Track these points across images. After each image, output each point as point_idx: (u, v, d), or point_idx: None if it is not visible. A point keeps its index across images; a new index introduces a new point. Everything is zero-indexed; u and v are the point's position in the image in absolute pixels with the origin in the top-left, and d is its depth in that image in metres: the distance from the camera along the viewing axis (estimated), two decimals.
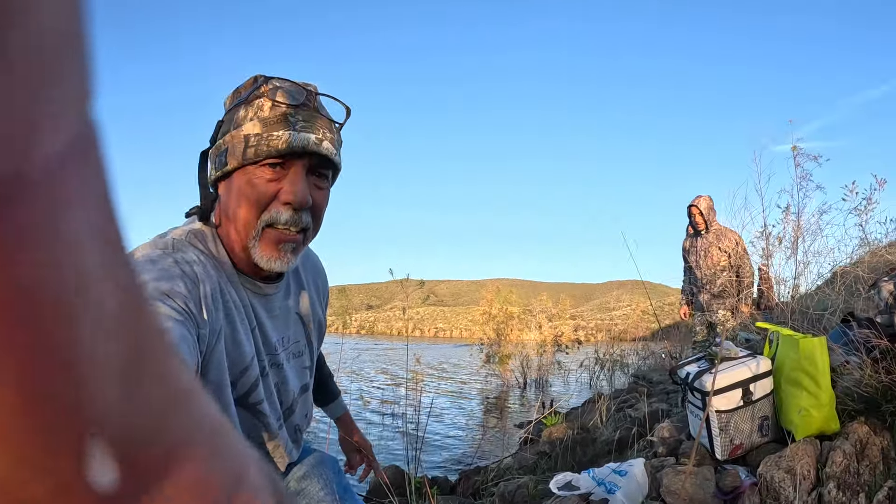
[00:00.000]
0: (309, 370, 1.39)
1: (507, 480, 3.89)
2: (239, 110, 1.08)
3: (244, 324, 1.14)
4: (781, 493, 2.45)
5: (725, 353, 3.05)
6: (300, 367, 1.35)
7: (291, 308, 1.31)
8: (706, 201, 5.89)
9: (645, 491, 2.83)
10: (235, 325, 1.11)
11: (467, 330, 70.49)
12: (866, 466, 2.45)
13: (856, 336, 3.13)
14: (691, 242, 6.07)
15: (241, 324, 1.12)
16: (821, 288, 5.23)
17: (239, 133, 1.05)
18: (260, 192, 1.05)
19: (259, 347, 1.19)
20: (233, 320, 1.10)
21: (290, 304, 1.31)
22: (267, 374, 1.22)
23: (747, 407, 2.89)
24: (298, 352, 1.34)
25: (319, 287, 1.46)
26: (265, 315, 1.21)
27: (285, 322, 1.29)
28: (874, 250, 4.66)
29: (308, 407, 1.42)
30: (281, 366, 1.27)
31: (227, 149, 1.07)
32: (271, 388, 1.23)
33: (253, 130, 1.04)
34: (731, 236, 5.72)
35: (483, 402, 11.61)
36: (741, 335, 5.71)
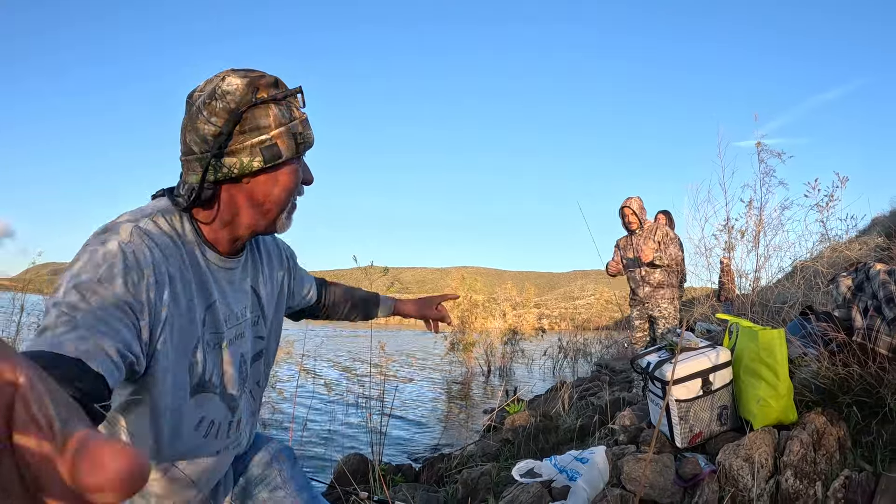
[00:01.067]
0: (264, 339, 1.49)
1: (471, 468, 3.91)
2: (272, 108, 1.20)
3: (200, 298, 1.23)
4: (740, 480, 2.50)
5: (686, 343, 3.09)
6: (255, 335, 1.45)
7: (248, 281, 1.42)
8: (637, 202, 6.15)
9: (606, 478, 2.86)
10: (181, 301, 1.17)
11: None
12: (823, 456, 2.50)
13: (814, 329, 3.19)
14: (626, 241, 6.20)
15: (196, 298, 1.21)
16: (781, 281, 5.34)
17: (287, 129, 1.22)
18: (299, 177, 1.30)
19: (219, 319, 1.28)
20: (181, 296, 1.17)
21: (248, 278, 1.42)
22: (226, 344, 1.31)
23: (707, 396, 2.93)
24: (255, 321, 1.44)
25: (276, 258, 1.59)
26: (228, 288, 1.33)
27: (245, 294, 1.40)
28: (834, 246, 4.77)
29: (259, 374, 1.51)
30: (243, 335, 1.38)
31: (276, 143, 1.21)
32: (229, 357, 1.32)
33: (298, 129, 1.24)
34: (663, 228, 5.90)
35: (447, 390, 11.65)
36: (701, 325, 5.81)
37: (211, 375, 1.27)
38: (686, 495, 2.66)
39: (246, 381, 1.42)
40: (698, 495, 2.56)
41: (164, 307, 1.11)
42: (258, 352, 1.47)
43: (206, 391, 1.26)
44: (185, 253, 1.20)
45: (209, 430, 1.30)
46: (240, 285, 1.37)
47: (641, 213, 6.11)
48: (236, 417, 1.38)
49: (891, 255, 4.19)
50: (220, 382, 1.30)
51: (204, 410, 1.27)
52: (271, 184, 1.25)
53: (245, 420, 1.44)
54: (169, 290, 1.13)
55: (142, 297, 1.06)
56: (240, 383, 1.37)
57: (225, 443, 1.37)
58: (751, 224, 5.24)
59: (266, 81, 1.20)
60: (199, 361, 1.22)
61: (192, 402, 1.23)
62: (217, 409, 1.31)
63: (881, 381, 2.68)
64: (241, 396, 1.40)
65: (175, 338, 1.15)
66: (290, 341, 11.75)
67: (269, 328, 1.52)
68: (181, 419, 1.22)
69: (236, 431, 1.40)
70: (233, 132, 1.18)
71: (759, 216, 5.17)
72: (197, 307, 1.21)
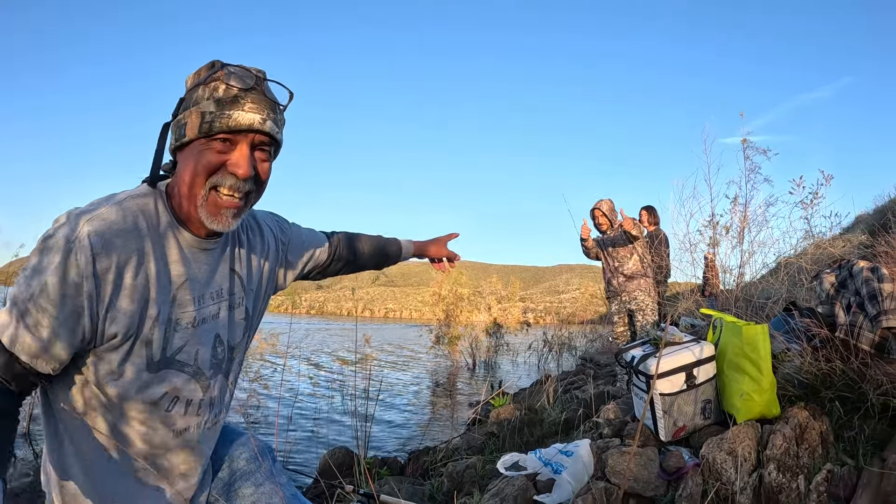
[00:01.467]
0: (245, 321, 1.51)
1: (456, 461, 3.92)
2: (198, 90, 1.25)
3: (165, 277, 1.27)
4: (723, 473, 2.52)
5: (670, 337, 3.11)
6: (236, 318, 1.48)
7: (227, 263, 1.44)
8: (607, 204, 6.31)
9: (590, 471, 2.87)
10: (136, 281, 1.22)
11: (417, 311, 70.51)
12: (805, 450, 2.53)
13: (797, 324, 3.22)
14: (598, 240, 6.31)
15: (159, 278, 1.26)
16: (765, 277, 5.37)
17: (197, 110, 1.23)
18: (210, 161, 1.24)
19: (189, 298, 1.32)
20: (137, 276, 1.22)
21: (227, 260, 1.44)
22: (198, 323, 1.35)
23: (690, 390, 2.95)
24: (235, 303, 1.47)
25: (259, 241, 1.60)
26: (205, 268, 1.37)
27: (223, 275, 1.43)
28: (818, 243, 4.80)
29: (240, 358, 1.54)
30: (218, 315, 1.41)
31: (186, 122, 1.24)
32: (201, 337, 1.36)
33: (209, 108, 1.22)
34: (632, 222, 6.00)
35: (432, 384, 11.66)
36: (685, 320, 5.84)
37: (177, 353, 1.31)
38: (670, 488, 2.68)
39: (223, 361, 1.44)
40: (682, 488, 2.58)
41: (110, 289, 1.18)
42: (240, 335, 1.50)
43: (171, 368, 1.31)
44: (152, 235, 1.25)
45: (173, 405, 1.33)
46: (218, 266, 1.41)
47: (612, 215, 6.27)
48: (208, 396, 1.40)
49: (874, 253, 4.22)
50: (193, 361, 1.35)
51: (169, 386, 1.31)
52: (184, 164, 1.27)
53: (220, 400, 1.46)
54: (116, 274, 1.18)
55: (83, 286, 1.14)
56: (213, 363, 1.40)
57: (196, 420, 1.39)
58: (735, 220, 5.26)
59: (205, 65, 1.27)
60: (157, 339, 1.26)
61: (154, 376, 1.28)
62: (186, 386, 1.34)
63: (863, 377, 2.71)
64: (216, 377, 1.42)
65: (126, 316, 1.20)
66: (276, 334, 11.71)
67: (254, 310, 1.55)
68: (137, 393, 1.27)
69: (210, 411, 1.43)
70: (177, 113, 1.28)
71: (743, 213, 5.19)
72: (159, 287, 1.26)
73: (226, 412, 1.53)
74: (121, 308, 1.19)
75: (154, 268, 1.24)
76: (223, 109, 1.22)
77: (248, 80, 1.25)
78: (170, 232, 1.28)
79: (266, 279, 1.60)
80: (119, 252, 1.18)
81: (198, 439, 1.42)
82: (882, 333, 2.85)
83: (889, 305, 2.85)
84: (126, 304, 1.20)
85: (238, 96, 1.23)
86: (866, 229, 7.90)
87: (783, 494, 2.38)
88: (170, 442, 1.35)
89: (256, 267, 1.55)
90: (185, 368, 1.33)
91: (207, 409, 1.41)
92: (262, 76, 1.30)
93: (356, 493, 3.07)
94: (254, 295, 1.55)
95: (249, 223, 1.57)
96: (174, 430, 1.35)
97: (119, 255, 1.18)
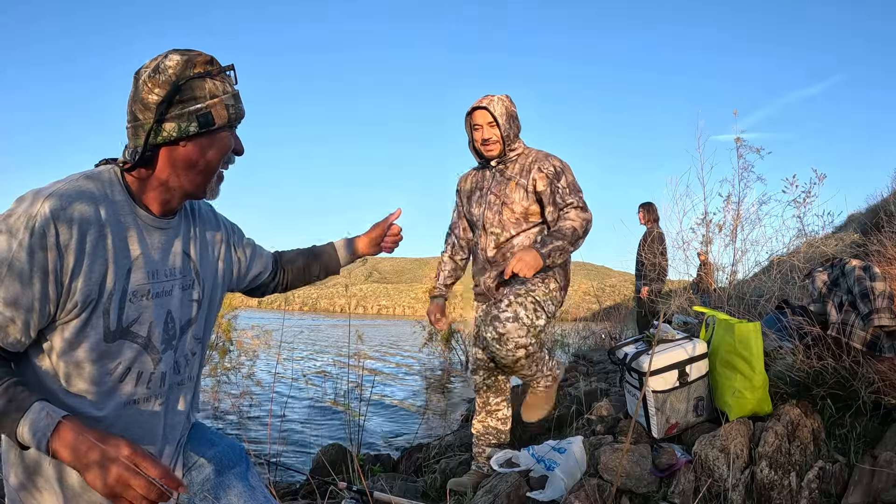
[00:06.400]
0: (197, 303, 1.58)
1: (449, 457, 3.92)
2: (205, 82, 1.38)
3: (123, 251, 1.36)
4: (715, 470, 2.53)
5: (663, 335, 3.12)
6: (188, 298, 1.56)
7: (180, 243, 1.53)
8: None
9: (583, 468, 2.87)
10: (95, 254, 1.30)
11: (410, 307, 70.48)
12: (797, 447, 2.54)
13: (789, 322, 3.23)
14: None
15: (117, 251, 1.34)
16: (757, 275, 5.39)
17: (220, 101, 1.40)
18: (231, 146, 1.48)
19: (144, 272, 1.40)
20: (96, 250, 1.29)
21: (179, 240, 1.53)
22: (152, 296, 1.43)
23: (683, 388, 2.96)
24: (186, 284, 1.55)
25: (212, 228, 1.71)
26: (158, 245, 1.46)
27: (175, 255, 1.51)
28: (810, 241, 4.82)
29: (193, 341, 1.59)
30: (170, 292, 1.49)
31: (210, 111, 1.39)
32: (154, 310, 1.43)
33: (230, 102, 1.42)
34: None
35: (426, 380, 11.67)
36: (678, 318, 5.85)
37: (132, 324, 1.39)
38: (662, 485, 2.69)
39: (173, 338, 1.50)
40: (674, 485, 2.59)
41: (72, 260, 1.25)
42: (190, 316, 1.57)
43: (125, 338, 1.38)
44: (108, 211, 1.33)
45: (125, 375, 1.39)
46: (170, 245, 1.50)
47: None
48: (158, 370, 1.46)
49: (866, 252, 4.25)
50: (146, 333, 1.42)
51: (123, 357, 1.37)
52: (205, 148, 1.42)
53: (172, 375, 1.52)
54: (78, 245, 1.26)
55: (46, 261, 1.22)
56: (164, 338, 1.47)
57: (146, 392, 1.45)
58: (728, 218, 5.28)
59: (202, 59, 1.39)
60: (114, 310, 1.34)
61: (110, 346, 1.34)
62: (138, 357, 1.41)
63: (855, 375, 2.72)
64: (167, 352, 1.49)
65: (86, 286, 1.28)
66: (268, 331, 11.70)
67: (204, 294, 1.62)
68: (94, 363, 1.33)
69: (161, 385, 1.48)
70: (173, 101, 1.35)
71: (736, 211, 5.20)
72: (116, 259, 1.34)
73: (181, 394, 1.58)
74: (81, 278, 1.27)
75: (111, 241, 1.33)
76: (237, 102, 1.45)
77: (233, 77, 1.48)
78: (127, 208, 1.38)
79: (223, 264, 1.72)
80: (78, 225, 1.26)
81: (149, 417, 1.47)
82: (874, 332, 2.86)
83: (881, 304, 2.87)
84: (86, 274, 1.28)
85: (238, 91, 1.47)
86: (858, 228, 7.95)
87: (775, 491, 2.39)
88: (121, 415, 1.40)
89: (211, 251, 1.67)
90: (138, 340, 1.40)
91: (158, 383, 1.47)
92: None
93: (349, 489, 3.07)
94: (208, 280, 1.64)
95: (202, 209, 1.70)
96: (124, 401, 1.40)
97: (79, 228, 1.26)
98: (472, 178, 3.47)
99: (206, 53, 1.41)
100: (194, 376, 1.63)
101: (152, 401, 1.46)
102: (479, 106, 3.17)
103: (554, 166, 3.15)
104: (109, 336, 1.34)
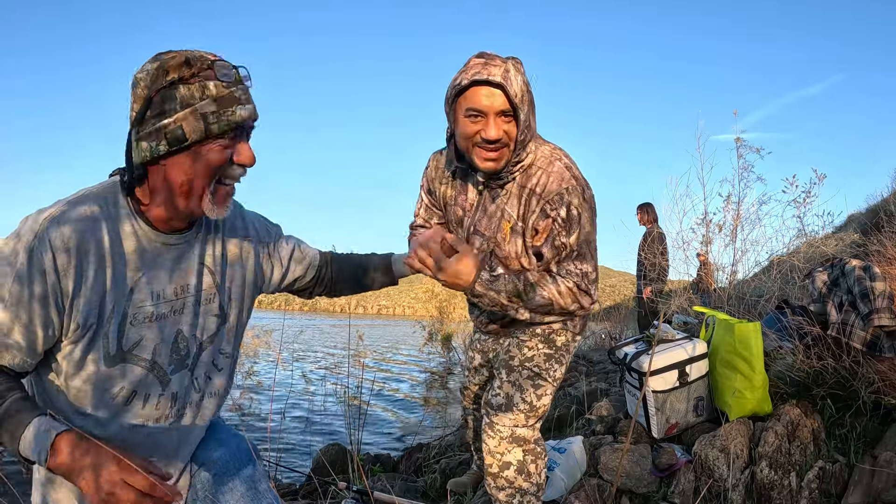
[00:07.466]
0: (219, 317, 1.50)
1: (449, 457, 3.92)
2: (178, 89, 1.21)
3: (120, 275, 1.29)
4: (715, 470, 2.53)
5: (663, 335, 3.12)
6: (208, 313, 1.47)
7: (196, 258, 1.44)
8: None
9: (583, 468, 2.88)
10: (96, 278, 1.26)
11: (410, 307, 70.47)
12: (797, 447, 2.54)
13: (789, 322, 3.23)
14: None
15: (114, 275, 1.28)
16: (757, 275, 5.40)
17: (193, 111, 1.21)
18: (218, 159, 1.27)
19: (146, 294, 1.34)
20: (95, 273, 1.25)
21: (196, 255, 1.44)
22: (156, 318, 1.36)
23: (683, 388, 2.96)
24: (205, 299, 1.46)
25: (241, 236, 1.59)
26: (168, 264, 1.37)
27: (190, 271, 1.43)
28: (810, 241, 4.83)
29: (215, 354, 1.52)
30: (181, 311, 1.41)
31: (181, 125, 1.21)
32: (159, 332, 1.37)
33: (209, 109, 1.22)
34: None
35: (426, 380, 11.66)
36: (678, 318, 5.86)
37: (133, 347, 1.33)
38: (662, 485, 2.69)
39: (186, 357, 1.44)
40: (674, 485, 2.59)
41: (72, 284, 1.22)
42: (212, 331, 1.49)
43: (127, 362, 1.32)
44: (110, 234, 1.27)
45: (131, 398, 1.35)
46: (183, 261, 1.41)
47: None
48: (169, 392, 1.41)
49: (866, 252, 4.25)
50: (150, 355, 1.36)
51: (126, 380, 1.33)
52: (184, 167, 1.26)
53: (185, 395, 1.46)
54: (76, 270, 1.22)
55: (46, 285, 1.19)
56: (173, 359, 1.41)
57: (156, 414, 1.40)
58: (728, 218, 5.28)
59: (175, 62, 1.22)
60: (112, 333, 1.29)
61: (112, 370, 1.31)
62: (143, 380, 1.36)
63: (855, 375, 2.73)
64: (178, 372, 1.42)
65: (85, 309, 1.24)
66: (269, 331, 11.68)
67: (228, 306, 1.53)
68: (98, 387, 1.30)
69: (172, 406, 1.43)
70: (144, 117, 1.23)
71: (736, 211, 5.21)
72: (116, 283, 1.28)
73: (199, 411, 1.52)
74: (81, 301, 1.23)
75: (111, 264, 1.27)
76: (224, 107, 1.23)
77: (230, 73, 1.27)
78: (129, 228, 1.31)
79: (251, 273, 1.60)
80: (76, 249, 1.22)
81: (160, 436, 1.43)
82: (873, 332, 2.87)
83: (880, 304, 2.87)
84: (85, 298, 1.24)
85: (232, 91, 1.25)
86: (858, 228, 7.95)
87: (775, 491, 2.39)
88: (128, 437, 1.37)
89: (235, 258, 1.55)
90: (141, 363, 1.35)
91: (169, 404, 1.42)
92: (236, 66, 1.31)
93: (349, 489, 3.07)
94: (233, 291, 1.54)
95: (230, 216, 1.56)
96: (132, 423, 1.37)
97: (77, 252, 1.22)
98: (448, 186, 2.25)
99: (181, 53, 1.24)
100: (219, 391, 1.55)
101: (163, 421, 1.42)
102: (489, 80, 1.79)
103: (568, 207, 1.95)
104: (109, 360, 1.30)
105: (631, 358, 3.11)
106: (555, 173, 1.98)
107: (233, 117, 1.25)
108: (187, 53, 1.23)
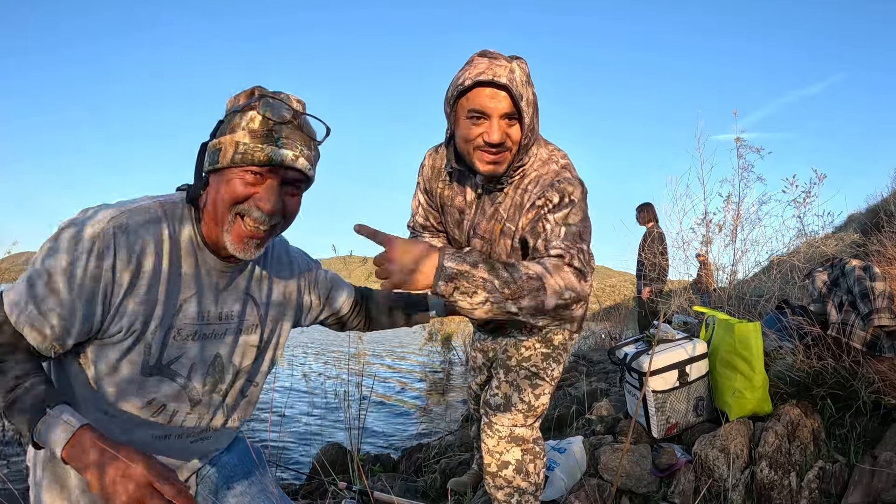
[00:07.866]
0: (256, 349, 1.52)
1: (449, 457, 3.92)
2: (235, 116, 1.25)
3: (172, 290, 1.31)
4: (715, 470, 2.53)
5: (663, 335, 3.12)
6: (247, 344, 1.49)
7: (244, 288, 1.46)
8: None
9: (583, 467, 2.88)
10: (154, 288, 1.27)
11: None
12: (797, 447, 2.54)
13: (789, 322, 3.23)
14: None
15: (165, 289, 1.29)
16: (757, 275, 5.40)
17: (233, 139, 1.23)
18: (237, 191, 1.25)
19: (193, 313, 1.35)
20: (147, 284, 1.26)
21: (245, 285, 1.46)
22: (198, 338, 1.37)
23: (683, 388, 2.96)
24: (246, 330, 1.48)
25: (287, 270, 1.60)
26: (217, 287, 1.39)
27: (237, 300, 1.44)
28: (810, 241, 4.83)
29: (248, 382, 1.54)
30: (223, 336, 1.43)
31: (220, 149, 1.24)
32: (199, 352, 1.38)
33: (243, 139, 1.22)
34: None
35: (426, 380, 11.66)
36: (678, 318, 5.86)
37: (172, 362, 1.34)
38: (662, 485, 2.69)
39: (219, 382, 1.45)
40: (674, 485, 2.59)
41: (125, 285, 1.23)
42: (248, 362, 1.51)
43: (163, 375, 1.34)
44: (172, 244, 1.29)
45: (159, 411, 1.36)
46: (231, 288, 1.43)
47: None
48: (197, 412, 1.42)
49: (866, 252, 4.25)
50: (186, 373, 1.37)
51: (159, 392, 1.34)
52: (217, 186, 1.28)
53: (213, 418, 1.48)
54: (133, 273, 1.23)
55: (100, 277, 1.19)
56: (209, 380, 1.42)
57: (180, 431, 1.42)
58: (728, 218, 5.28)
59: (247, 91, 1.27)
60: (156, 344, 1.30)
61: (146, 380, 1.31)
62: (175, 395, 1.37)
63: (855, 375, 2.73)
64: (210, 395, 1.44)
65: (132, 314, 1.25)
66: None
67: (267, 341, 1.55)
68: (129, 394, 1.31)
69: (197, 425, 1.44)
70: (216, 133, 1.28)
71: (736, 211, 5.21)
72: (168, 295, 1.30)
73: (220, 435, 1.54)
74: (129, 305, 1.24)
75: (167, 274, 1.29)
76: (257, 142, 1.22)
77: (284, 113, 1.25)
78: (190, 245, 1.32)
79: (292, 310, 1.62)
80: (138, 252, 1.23)
81: (178, 451, 1.44)
82: (873, 332, 2.87)
83: (881, 304, 2.87)
84: (135, 302, 1.24)
85: (273, 130, 1.24)
86: (858, 228, 7.95)
87: (775, 491, 2.39)
88: (150, 444, 1.38)
89: (279, 294, 1.56)
90: (177, 378, 1.36)
91: (194, 423, 1.44)
92: (301, 109, 1.29)
93: (349, 489, 3.07)
94: (274, 325, 1.56)
95: (276, 250, 1.58)
96: (155, 434, 1.38)
97: (137, 255, 1.23)
98: (446, 189, 2.18)
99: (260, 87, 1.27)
100: (242, 418, 1.57)
101: (185, 438, 1.43)
102: (493, 80, 1.71)
103: (561, 194, 1.84)
104: (147, 369, 1.30)
105: (631, 358, 3.11)
106: (550, 173, 1.92)
107: (259, 154, 1.22)
108: (264, 90, 1.26)
